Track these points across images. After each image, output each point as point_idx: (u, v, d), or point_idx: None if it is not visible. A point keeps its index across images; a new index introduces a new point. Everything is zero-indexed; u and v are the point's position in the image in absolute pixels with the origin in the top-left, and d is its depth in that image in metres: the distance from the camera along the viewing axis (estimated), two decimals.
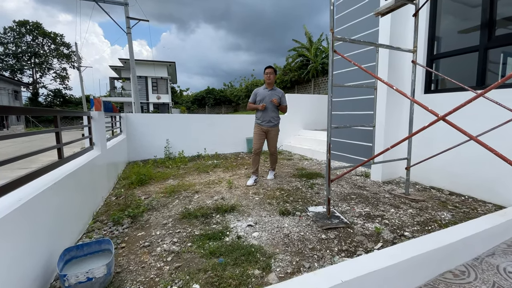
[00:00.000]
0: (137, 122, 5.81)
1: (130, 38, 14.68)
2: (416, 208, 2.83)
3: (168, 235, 2.24)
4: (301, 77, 23.99)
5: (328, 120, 2.49)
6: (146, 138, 5.89)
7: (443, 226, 2.41)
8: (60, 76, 42.72)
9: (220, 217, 2.59)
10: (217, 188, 3.60)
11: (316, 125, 8.01)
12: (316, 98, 8.25)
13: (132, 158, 5.79)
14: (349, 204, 2.97)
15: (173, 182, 3.94)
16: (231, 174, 4.48)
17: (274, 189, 3.51)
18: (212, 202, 3.04)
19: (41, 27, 39.38)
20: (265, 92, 3.84)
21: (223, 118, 6.80)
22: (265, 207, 2.88)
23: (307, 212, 2.69)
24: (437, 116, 1.61)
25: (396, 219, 2.55)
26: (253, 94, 3.92)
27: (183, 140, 6.23)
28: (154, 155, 5.92)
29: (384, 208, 2.84)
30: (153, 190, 3.56)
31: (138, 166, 4.59)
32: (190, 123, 6.34)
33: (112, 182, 3.78)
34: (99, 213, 2.77)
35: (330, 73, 2.41)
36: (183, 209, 2.81)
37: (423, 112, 3.48)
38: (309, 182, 3.86)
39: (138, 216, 2.59)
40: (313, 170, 4.71)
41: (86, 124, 3.06)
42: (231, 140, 6.81)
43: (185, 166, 5.13)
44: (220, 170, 4.80)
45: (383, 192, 3.41)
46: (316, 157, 5.91)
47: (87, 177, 2.63)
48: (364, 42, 2.61)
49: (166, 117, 6.20)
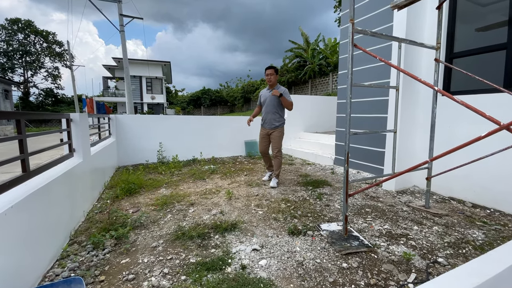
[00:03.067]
0: (128, 124, 5.40)
1: (123, 36, 14.23)
2: (441, 225, 2.50)
3: (158, 263, 1.86)
4: (298, 78, 23.75)
5: (347, 124, 2.14)
6: (137, 141, 5.48)
7: (479, 248, 2.08)
8: (52, 75, 41.80)
9: (219, 238, 2.22)
10: (215, 199, 3.23)
11: (317, 128, 7.69)
12: (317, 99, 7.93)
13: (123, 163, 5.38)
14: (365, 219, 2.63)
15: (165, 192, 3.55)
16: (229, 181, 4.11)
17: (278, 200, 3.15)
18: (210, 217, 2.66)
19: (33, 25, 38.50)
20: (267, 93, 3.75)
21: (220, 119, 6.42)
22: (271, 223, 2.52)
23: (320, 230, 2.33)
24: (499, 124, 1.26)
25: (422, 239, 2.22)
26: (259, 96, 3.91)
27: (177, 143, 5.84)
28: (146, 160, 5.51)
29: (406, 224, 2.50)
30: (142, 202, 3.17)
31: (127, 173, 4.19)
32: (185, 125, 5.95)
33: (97, 191, 3.38)
34: (79, 231, 2.38)
35: (349, 70, 2.07)
36: (176, 227, 2.43)
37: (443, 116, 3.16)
38: (316, 191, 3.51)
39: (123, 237, 2.21)
40: (318, 177, 4.36)
41: (64, 128, 2.66)
42: (229, 143, 6.44)
43: (180, 172, 4.74)
44: (218, 176, 4.43)
45: (400, 204, 3.08)
46: (319, 162, 5.57)
47: (63, 191, 2.24)
48: (386, 36, 2.28)
49: (159, 118, 5.80)
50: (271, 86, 3.70)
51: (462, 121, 3.09)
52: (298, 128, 7.36)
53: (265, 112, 3.72)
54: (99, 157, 3.65)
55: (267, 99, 3.69)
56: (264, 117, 3.76)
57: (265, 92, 3.78)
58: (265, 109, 3.72)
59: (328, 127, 7.90)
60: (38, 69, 40.19)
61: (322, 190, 3.60)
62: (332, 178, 4.29)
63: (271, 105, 3.68)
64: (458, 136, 3.14)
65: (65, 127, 2.66)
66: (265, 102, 3.71)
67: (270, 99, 3.67)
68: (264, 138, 3.86)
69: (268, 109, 3.70)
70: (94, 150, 3.50)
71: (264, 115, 3.75)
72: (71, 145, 2.68)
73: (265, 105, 3.72)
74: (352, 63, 2.06)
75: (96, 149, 3.60)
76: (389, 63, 1.88)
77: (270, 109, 3.70)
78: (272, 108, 3.68)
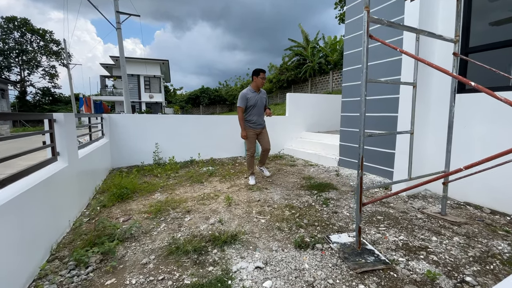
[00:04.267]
0: (122, 124, 5.15)
1: (120, 34, 13.94)
2: (461, 235, 2.27)
3: (147, 285, 1.63)
4: (298, 76, 23.51)
5: (361, 125, 1.90)
6: (132, 142, 5.23)
7: (507, 263, 1.86)
8: (49, 74, 41.39)
9: (218, 253, 1.98)
10: (213, 206, 2.99)
11: (319, 127, 7.46)
12: (319, 98, 7.69)
13: (117, 165, 5.13)
14: (378, 228, 2.40)
15: (160, 197, 3.32)
16: (229, 184, 3.88)
17: (282, 207, 2.92)
18: (208, 227, 2.43)
19: (29, 23, 38.06)
20: (255, 96, 3.81)
21: (219, 119, 6.18)
22: (275, 234, 2.29)
23: (330, 243, 2.10)
24: None
25: (444, 252, 1.99)
26: (242, 98, 3.75)
27: (174, 143, 5.59)
28: (141, 161, 5.27)
29: (423, 235, 2.28)
30: (135, 209, 2.93)
31: (120, 176, 3.95)
32: (182, 124, 5.70)
33: (86, 197, 3.14)
34: (62, 245, 2.14)
35: (364, 64, 1.83)
36: (170, 239, 2.19)
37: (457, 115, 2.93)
38: (322, 196, 3.28)
39: (110, 252, 1.97)
40: (322, 179, 4.13)
41: (47, 130, 2.41)
42: (228, 144, 6.20)
43: (176, 175, 4.50)
44: (216, 179, 4.19)
45: (413, 210, 2.85)
46: (323, 163, 5.34)
47: (43, 200, 2.00)
48: (404, 26, 2.03)
49: (155, 118, 5.55)
50: (258, 89, 3.85)
51: (480, 120, 2.87)
52: (299, 127, 7.13)
53: (257, 114, 3.84)
54: (89, 160, 3.41)
55: (258, 102, 3.81)
56: (256, 119, 3.85)
57: (252, 95, 3.78)
58: (257, 111, 3.84)
59: (330, 126, 7.68)
60: (35, 68, 39.77)
61: (328, 194, 3.37)
62: (337, 181, 4.06)
63: (261, 106, 3.88)
64: (475, 137, 2.91)
65: (48, 128, 2.42)
66: (256, 105, 3.80)
67: (261, 102, 3.86)
68: (255, 138, 3.96)
69: (260, 111, 3.88)
70: (84, 153, 3.26)
71: (256, 117, 3.84)
72: (54, 148, 2.43)
73: (256, 107, 3.81)
74: (367, 56, 1.82)
75: (86, 152, 3.36)
76: (415, 57, 1.64)
77: (261, 111, 3.91)
78: (262, 110, 3.91)
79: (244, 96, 3.73)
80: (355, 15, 4.38)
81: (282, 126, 6.81)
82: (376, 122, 4.04)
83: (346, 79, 4.67)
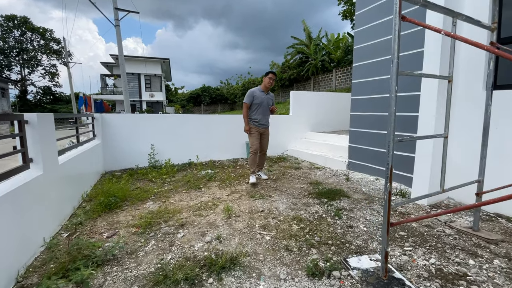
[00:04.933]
0: (115, 124, 4.82)
1: (118, 31, 13.64)
2: (502, 257, 1.92)
3: None
4: (300, 74, 23.08)
5: (390, 128, 1.54)
6: (126, 143, 4.90)
7: None
8: (50, 72, 41.25)
9: (214, 282, 1.64)
10: (210, 217, 2.65)
11: (324, 127, 7.09)
12: (324, 96, 7.33)
13: (110, 168, 4.81)
14: (403, 248, 2.05)
15: (152, 206, 2.98)
16: (229, 191, 3.53)
17: (289, 219, 2.58)
18: (203, 246, 2.09)
19: (29, 22, 37.87)
20: (262, 96, 3.86)
21: (219, 118, 5.83)
22: (282, 256, 1.94)
23: (349, 269, 1.75)
24: None
25: (487, 281, 1.64)
26: (249, 95, 3.84)
27: (171, 145, 5.26)
28: (135, 164, 4.94)
29: (458, 257, 1.92)
30: (123, 221, 2.60)
31: (110, 182, 3.61)
32: (180, 125, 5.36)
33: (70, 207, 2.81)
34: (32, 268, 1.81)
35: (394, 52, 1.47)
36: (158, 263, 1.85)
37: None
38: (333, 205, 2.93)
39: (83, 283, 1.63)
40: (331, 184, 3.78)
41: (16, 133, 2.07)
42: (229, 145, 5.85)
43: (172, 179, 4.16)
44: (216, 184, 3.85)
45: (439, 224, 2.50)
46: (330, 166, 4.99)
47: (8, 217, 1.67)
48: (441, 8, 1.67)
49: (152, 118, 5.22)
50: (267, 90, 3.88)
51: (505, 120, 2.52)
52: (303, 127, 6.77)
53: (262, 113, 3.88)
54: (75, 165, 3.08)
55: (264, 101, 3.85)
56: (260, 118, 3.88)
57: (259, 94, 3.84)
58: (262, 110, 3.87)
59: (335, 126, 7.31)
60: (35, 67, 39.63)
61: (339, 203, 3.02)
62: (348, 186, 3.71)
63: (267, 107, 3.90)
64: (498, 138, 2.55)
65: (18, 131, 2.08)
66: (261, 104, 3.84)
67: (267, 102, 3.89)
68: (259, 136, 3.96)
69: (265, 111, 3.91)
70: (67, 157, 2.93)
71: (261, 116, 3.87)
72: (25, 154, 2.09)
73: (261, 107, 3.85)
74: (398, 42, 1.46)
75: (70, 156, 3.03)
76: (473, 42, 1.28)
77: (266, 111, 3.93)
78: (267, 109, 3.94)
79: (251, 93, 3.82)
80: (368, 4, 4.00)
81: (286, 126, 6.46)
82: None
83: (357, 75, 4.30)
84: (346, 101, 7.62)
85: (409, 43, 3.33)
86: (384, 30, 3.74)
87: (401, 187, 3.56)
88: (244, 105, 3.83)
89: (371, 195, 3.33)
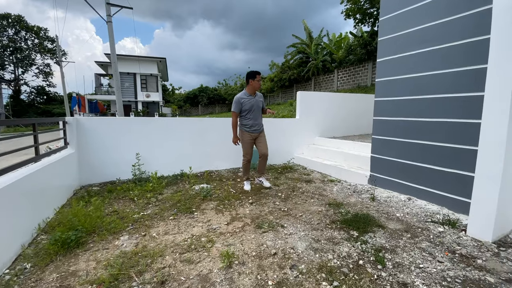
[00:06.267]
0: (94, 129, 4.06)
1: (110, 28, 12.92)
2: None
3: None
4: (301, 75, 22.46)
5: None
6: (107, 152, 4.15)
7: None
8: (44, 72, 40.31)
9: None
10: (203, 266, 1.91)
11: (334, 132, 6.37)
12: (335, 97, 6.60)
13: (87, 181, 4.05)
14: None
15: (127, 244, 2.23)
16: (229, 217, 2.79)
17: (313, 270, 1.84)
18: None
19: (24, 20, 36.94)
20: (251, 100, 3.59)
21: (218, 122, 5.07)
22: None
23: None
24: None
25: None
26: (236, 103, 3.56)
27: (161, 153, 4.51)
28: (117, 177, 4.18)
29: None
30: (82, 271, 1.85)
31: (79, 203, 2.84)
32: (172, 130, 4.62)
33: (16, 245, 2.06)
34: None
35: None
36: None
37: None
38: (367, 242, 2.21)
39: None
40: (355, 206, 3.06)
41: None
42: (228, 152, 5.10)
43: (159, 198, 3.41)
44: (212, 206, 3.11)
45: None
46: (346, 179, 4.26)
47: None
48: None
49: (138, 122, 4.46)
50: (254, 92, 3.63)
51: None
52: (311, 132, 6.04)
53: (254, 118, 3.63)
54: (27, 185, 2.33)
55: (254, 105, 3.60)
56: (253, 123, 3.63)
57: (247, 98, 3.57)
58: (254, 115, 3.63)
59: (345, 131, 6.60)
60: (29, 66, 38.69)
61: (374, 238, 2.29)
62: (376, 209, 2.98)
63: (258, 110, 3.67)
64: None
65: None
66: (252, 110, 3.58)
67: (257, 105, 3.65)
68: (252, 143, 3.74)
69: (257, 115, 3.67)
70: (12, 178, 2.17)
71: (252, 121, 3.62)
72: None
73: (253, 111, 3.60)
74: None
75: (19, 176, 2.27)
76: None
77: (258, 114, 3.69)
78: (259, 112, 3.71)
79: (238, 101, 3.54)
80: None
81: (292, 130, 5.73)
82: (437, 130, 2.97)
83: (382, 73, 3.58)
84: (358, 102, 6.93)
85: (468, 31, 2.63)
86: (423, 16, 3.03)
87: (443, 210, 2.84)
88: (233, 114, 3.59)
89: (410, 224, 2.60)
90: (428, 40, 2.99)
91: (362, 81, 16.83)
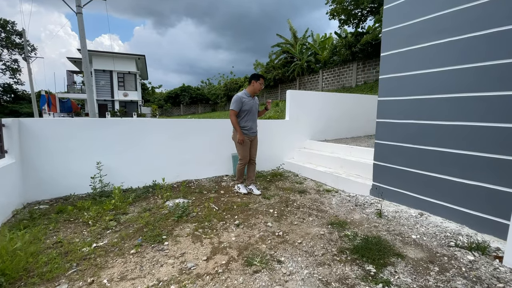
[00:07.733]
0: (43, 133, 3.31)
1: (81, 20, 11.87)
2: None
3: None
4: (286, 75, 22.16)
5: None
6: (61, 160, 3.40)
7: None
8: (11, 68, 37.39)
9: None
10: None
11: (325, 134, 5.91)
12: (326, 96, 6.14)
13: (34, 197, 3.28)
14: None
15: None
16: (209, 247, 2.19)
17: None
18: None
19: None
20: (251, 102, 3.57)
21: (199, 124, 4.41)
22: None
23: None
24: None
25: None
26: (237, 101, 3.47)
27: (129, 161, 3.81)
28: (71, 192, 3.44)
29: None
30: None
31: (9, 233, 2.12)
32: (145, 132, 3.92)
33: None
34: None
35: None
36: None
37: None
38: (391, 283, 1.69)
39: None
40: (361, 225, 2.56)
41: None
42: (210, 158, 4.49)
43: (121, 220, 2.73)
44: (188, 230, 2.49)
45: None
46: (344, 188, 3.78)
47: None
48: None
49: (101, 124, 3.72)
50: (254, 94, 3.63)
51: None
52: (302, 135, 5.55)
53: (252, 120, 3.62)
54: None
55: (253, 107, 3.60)
56: (250, 125, 3.60)
57: (247, 99, 3.54)
58: (252, 117, 3.61)
59: (337, 133, 6.17)
60: None
61: (396, 276, 1.78)
62: (387, 229, 2.49)
63: (256, 112, 3.69)
64: None
65: None
66: (251, 111, 3.56)
67: (256, 108, 3.67)
68: (249, 147, 3.68)
69: (254, 117, 3.66)
70: None
71: (251, 123, 3.60)
72: None
73: (251, 113, 3.58)
74: None
75: None
76: None
77: (255, 117, 3.69)
78: (256, 115, 3.71)
79: (239, 99, 3.47)
80: None
81: (282, 133, 5.19)
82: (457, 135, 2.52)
83: (387, 69, 3.13)
84: (352, 102, 6.52)
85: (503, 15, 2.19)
86: (438, 1, 2.59)
87: (463, 230, 2.41)
88: (232, 113, 3.47)
89: (432, 250, 2.13)
90: (442, 31, 2.55)
91: (346, 82, 16.72)
